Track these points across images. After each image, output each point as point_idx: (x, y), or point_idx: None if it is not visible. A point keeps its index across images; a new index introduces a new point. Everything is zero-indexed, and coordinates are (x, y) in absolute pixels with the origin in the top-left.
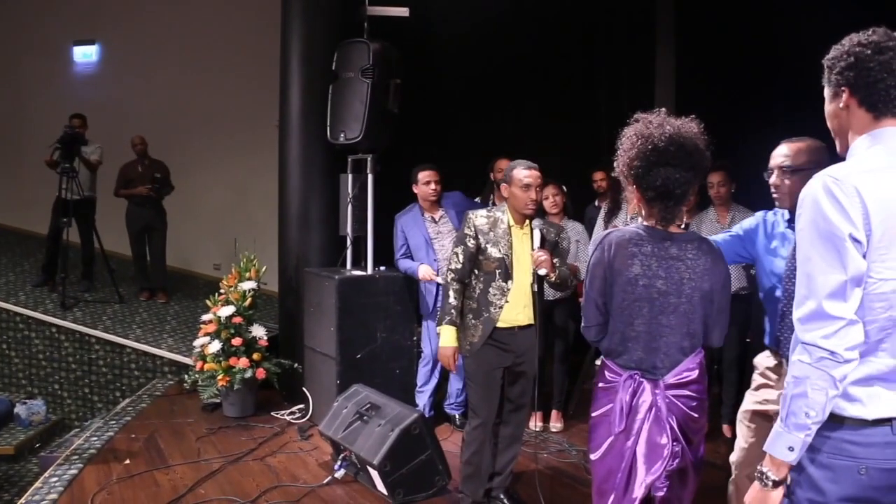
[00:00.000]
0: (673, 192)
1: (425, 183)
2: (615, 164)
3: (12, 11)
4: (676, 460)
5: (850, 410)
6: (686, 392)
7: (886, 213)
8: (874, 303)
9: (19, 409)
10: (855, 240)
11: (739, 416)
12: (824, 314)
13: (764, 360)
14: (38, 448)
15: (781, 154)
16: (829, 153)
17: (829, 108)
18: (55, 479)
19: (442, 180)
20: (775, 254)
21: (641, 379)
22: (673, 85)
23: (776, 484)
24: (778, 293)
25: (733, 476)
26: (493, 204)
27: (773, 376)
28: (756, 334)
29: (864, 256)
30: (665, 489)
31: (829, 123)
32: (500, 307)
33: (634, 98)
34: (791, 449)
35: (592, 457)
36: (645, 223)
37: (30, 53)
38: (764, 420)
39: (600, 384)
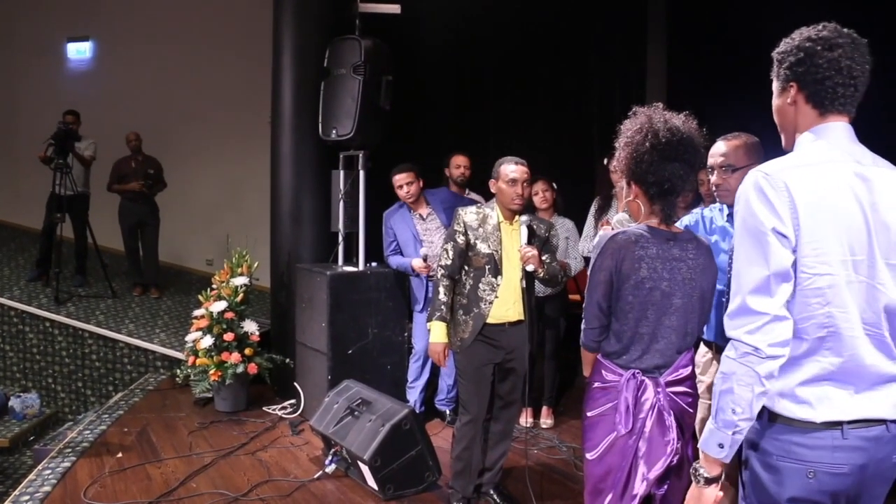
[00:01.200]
0: (677, 188)
1: (398, 187)
2: (614, 159)
3: (5, 8)
4: (677, 456)
5: (799, 413)
6: (682, 388)
7: (818, 206)
8: (810, 298)
9: (14, 403)
10: (780, 234)
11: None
12: (748, 309)
13: (699, 356)
14: (32, 441)
15: (719, 153)
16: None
17: (776, 102)
18: (48, 471)
19: (420, 179)
20: (716, 248)
21: (643, 378)
22: (665, 81)
23: (708, 481)
24: (720, 286)
25: None
26: None
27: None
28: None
29: (794, 251)
30: (665, 487)
31: (775, 118)
32: (490, 303)
33: (626, 94)
34: (721, 446)
35: (589, 456)
36: (647, 223)
37: (23, 50)
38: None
39: (597, 384)
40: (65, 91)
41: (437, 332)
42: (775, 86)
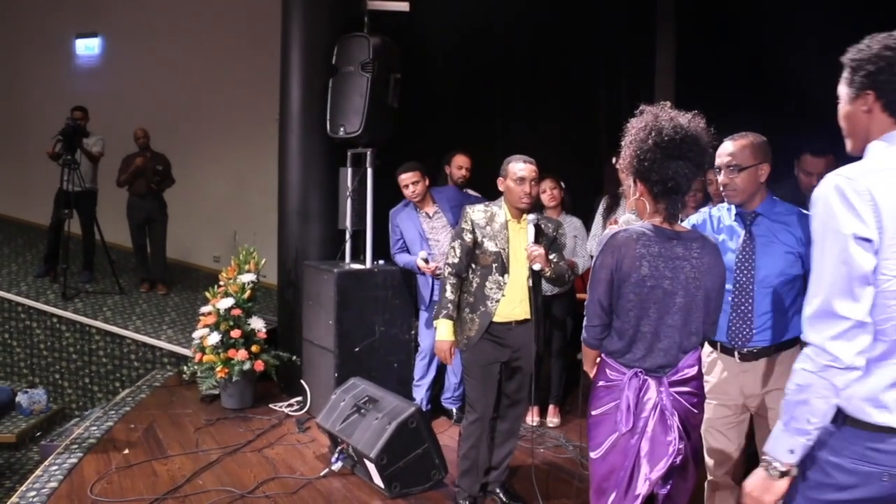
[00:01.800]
0: (681, 187)
1: (404, 186)
2: (620, 157)
3: (15, 4)
4: (680, 457)
5: (877, 417)
6: (687, 388)
7: None
8: (889, 300)
9: (21, 398)
10: (863, 238)
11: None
12: (832, 313)
13: (703, 355)
14: (38, 437)
15: (726, 153)
16: (770, 147)
17: (847, 108)
18: (55, 467)
19: (426, 178)
20: (724, 247)
21: (645, 377)
22: (673, 78)
23: (783, 474)
24: (728, 285)
25: (710, 477)
26: None
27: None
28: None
29: (876, 254)
30: (668, 487)
31: (842, 123)
32: (497, 301)
33: (634, 92)
34: (792, 452)
35: (593, 455)
36: (650, 221)
37: (32, 47)
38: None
39: (601, 383)
40: (73, 87)
41: (444, 331)
42: (846, 91)
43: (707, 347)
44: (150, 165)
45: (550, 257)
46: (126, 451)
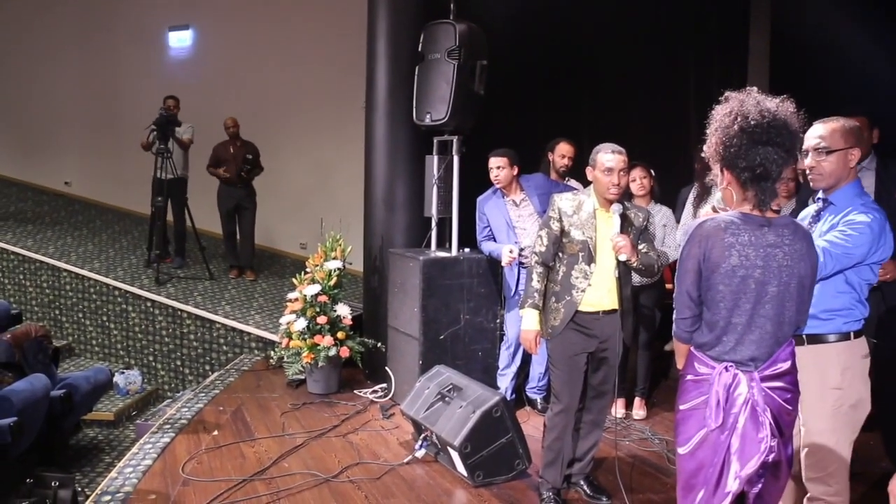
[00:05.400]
0: (771, 173)
1: (490, 169)
2: (705, 145)
3: (111, 1)
4: (772, 455)
5: None
6: (780, 384)
7: None
8: None
9: (118, 379)
10: None
11: None
12: None
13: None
14: (134, 415)
15: (816, 135)
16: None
17: None
18: (149, 446)
19: (515, 166)
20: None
21: (736, 371)
22: (767, 61)
23: None
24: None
25: None
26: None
27: None
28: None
29: None
30: (760, 485)
31: None
32: (583, 290)
33: (725, 77)
34: None
35: (681, 451)
36: (739, 210)
37: (126, 40)
38: None
39: (689, 376)
40: (166, 79)
41: (530, 320)
42: None
43: None
44: (241, 153)
45: (640, 247)
46: (215, 433)
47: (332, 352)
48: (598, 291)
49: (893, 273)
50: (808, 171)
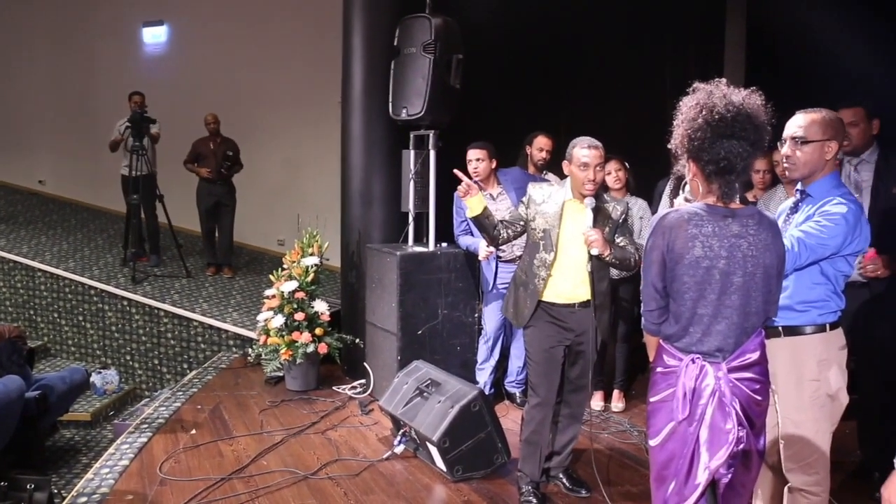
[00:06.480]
0: (735, 167)
1: (468, 161)
2: (672, 137)
3: None
4: (741, 445)
5: None
6: (749, 374)
7: None
8: None
9: (95, 379)
10: None
11: None
12: None
13: None
14: (111, 415)
15: (795, 125)
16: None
17: None
18: (126, 446)
19: (493, 159)
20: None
21: (703, 362)
22: (743, 52)
23: None
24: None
25: None
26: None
27: None
28: None
29: None
30: (730, 475)
31: None
32: (543, 279)
33: (702, 68)
34: None
35: (652, 443)
36: (703, 201)
37: (100, 35)
38: None
39: (659, 369)
40: (140, 75)
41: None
42: None
43: None
44: (221, 150)
45: (619, 241)
46: (193, 432)
47: (311, 348)
48: (567, 283)
49: (879, 268)
50: (783, 160)
